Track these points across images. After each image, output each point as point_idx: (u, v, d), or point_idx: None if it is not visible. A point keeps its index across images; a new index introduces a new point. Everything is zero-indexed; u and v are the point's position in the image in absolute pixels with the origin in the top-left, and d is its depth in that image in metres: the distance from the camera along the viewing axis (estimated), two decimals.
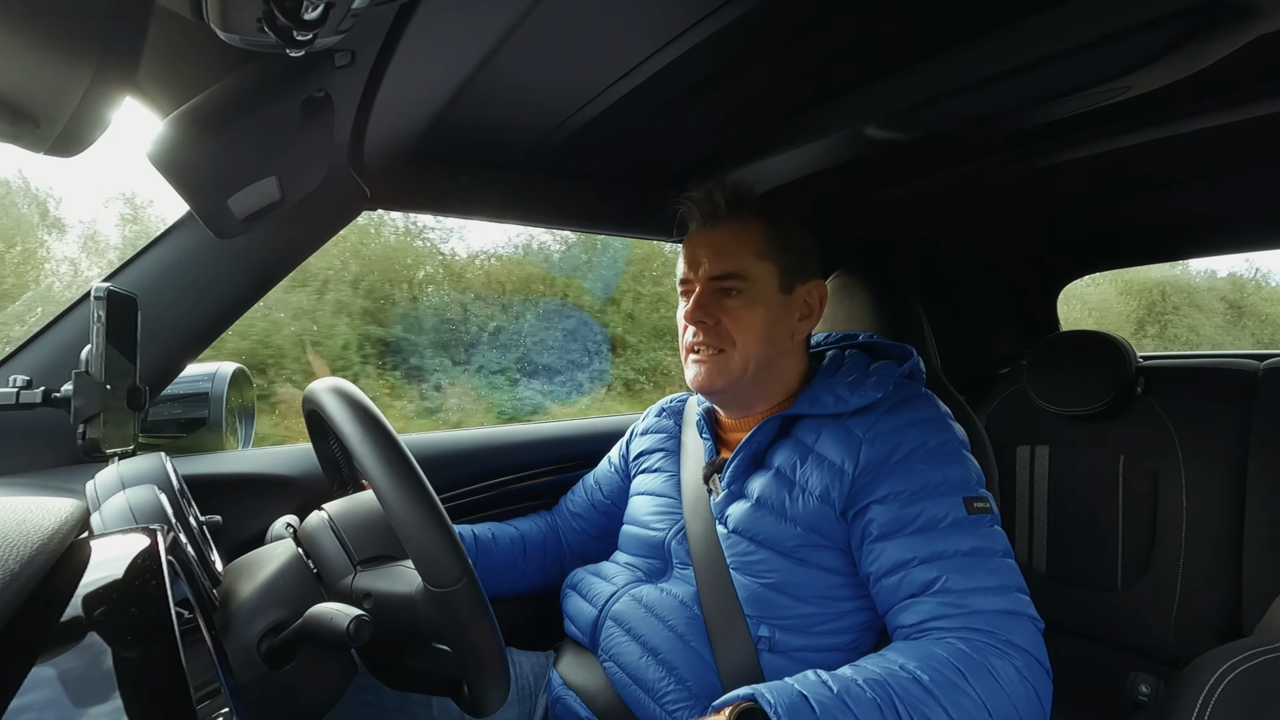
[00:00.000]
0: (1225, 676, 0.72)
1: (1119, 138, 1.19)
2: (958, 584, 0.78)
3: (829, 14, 0.83)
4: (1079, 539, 1.56)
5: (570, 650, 1.03)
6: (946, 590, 0.78)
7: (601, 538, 1.17)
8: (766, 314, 0.94)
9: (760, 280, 0.94)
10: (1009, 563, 0.81)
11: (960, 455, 0.88)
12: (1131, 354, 1.52)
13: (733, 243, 0.95)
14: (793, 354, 1.00)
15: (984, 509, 0.83)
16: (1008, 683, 0.71)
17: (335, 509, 0.78)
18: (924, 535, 0.81)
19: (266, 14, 0.47)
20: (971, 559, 0.79)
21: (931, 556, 0.80)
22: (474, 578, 0.63)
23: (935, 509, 0.82)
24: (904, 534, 0.82)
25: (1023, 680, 0.72)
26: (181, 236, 1.02)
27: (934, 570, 0.79)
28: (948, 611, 0.77)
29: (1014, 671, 0.72)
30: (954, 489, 0.84)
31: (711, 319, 0.94)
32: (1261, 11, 0.74)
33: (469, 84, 0.91)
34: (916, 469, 0.85)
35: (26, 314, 2.88)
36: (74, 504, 0.53)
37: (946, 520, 0.81)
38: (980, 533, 0.81)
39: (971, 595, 0.77)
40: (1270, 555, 1.31)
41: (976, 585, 0.77)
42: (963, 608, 0.76)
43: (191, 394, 1.12)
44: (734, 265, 0.94)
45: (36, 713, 0.35)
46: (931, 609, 0.78)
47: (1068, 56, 0.82)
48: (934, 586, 0.78)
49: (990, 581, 0.78)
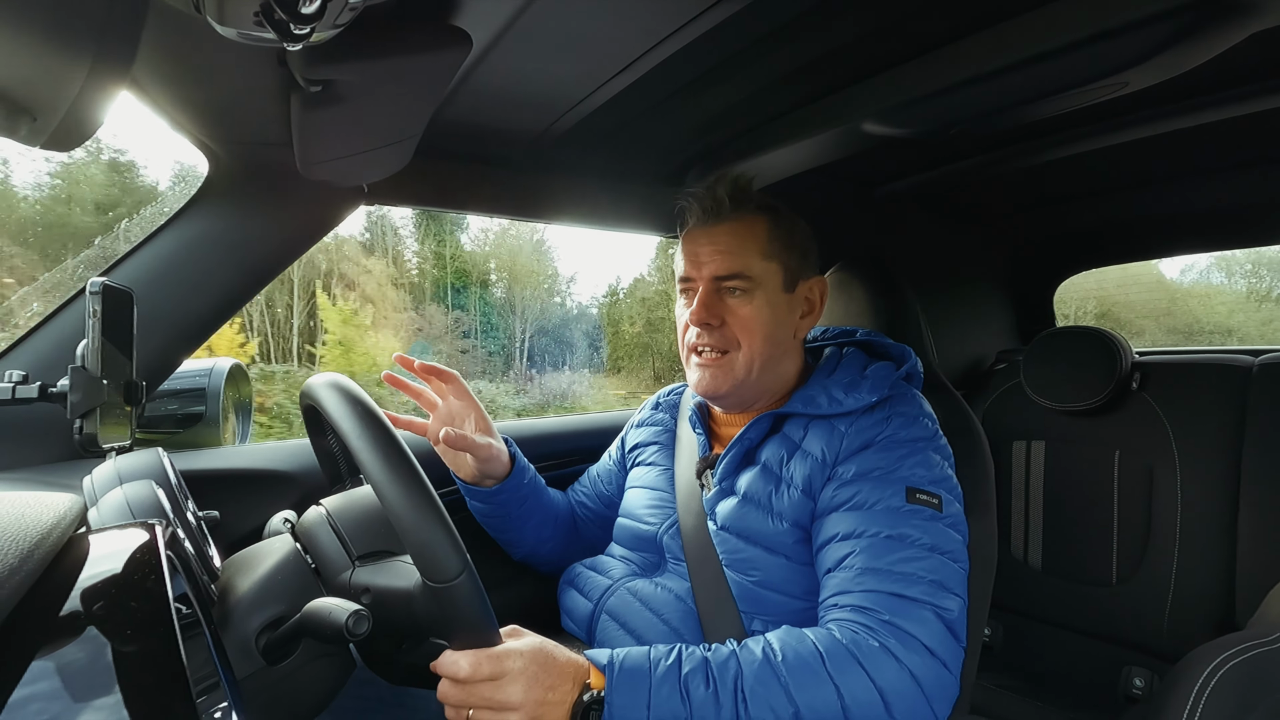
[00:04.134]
0: (1219, 670, 0.72)
1: (1116, 134, 1.19)
2: (863, 563, 0.77)
3: (826, 10, 0.82)
4: (1074, 534, 1.57)
5: (568, 645, 1.03)
6: (849, 567, 0.78)
7: (604, 529, 1.17)
8: (771, 314, 0.93)
9: (765, 280, 0.93)
10: (937, 559, 0.78)
11: (923, 453, 0.86)
12: (1127, 350, 1.53)
13: (737, 241, 0.93)
14: (793, 351, 1.00)
15: (928, 503, 0.81)
16: (876, 669, 0.69)
17: (333, 504, 0.78)
18: (853, 514, 0.81)
19: (264, 7, 0.46)
20: (889, 542, 0.78)
21: (851, 534, 0.80)
22: (473, 573, 0.63)
23: (872, 493, 0.82)
24: (838, 511, 0.83)
25: (899, 666, 0.69)
26: (178, 231, 1.01)
27: (849, 547, 0.79)
28: (847, 588, 0.77)
29: (885, 656, 0.70)
30: (900, 479, 0.83)
31: (717, 320, 0.93)
32: (1258, 8, 0.75)
33: (466, 78, 0.90)
34: (871, 455, 0.85)
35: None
36: (72, 499, 0.53)
37: (879, 505, 0.81)
38: (911, 522, 0.79)
39: (869, 575, 0.76)
40: (1264, 549, 1.32)
41: (880, 567, 0.76)
42: (858, 584, 0.76)
43: (189, 389, 1.12)
44: (739, 265, 0.92)
45: (36, 707, 0.35)
46: (836, 584, 0.78)
47: (1065, 53, 0.82)
48: (844, 563, 0.79)
49: (900, 567, 0.76)
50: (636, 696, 0.67)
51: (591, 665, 0.69)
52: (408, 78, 0.76)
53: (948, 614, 0.75)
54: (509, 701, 0.64)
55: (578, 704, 0.67)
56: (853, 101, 1.03)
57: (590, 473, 1.24)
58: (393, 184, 1.12)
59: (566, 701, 0.67)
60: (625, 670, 0.69)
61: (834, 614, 0.77)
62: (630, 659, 0.70)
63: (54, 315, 0.96)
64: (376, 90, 0.76)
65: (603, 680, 0.68)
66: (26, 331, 0.95)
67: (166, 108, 0.88)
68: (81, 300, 0.95)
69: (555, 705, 0.66)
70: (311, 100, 0.75)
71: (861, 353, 1.02)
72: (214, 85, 0.83)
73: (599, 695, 0.67)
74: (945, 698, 0.72)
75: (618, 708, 0.66)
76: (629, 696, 0.67)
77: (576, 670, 0.69)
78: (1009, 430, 1.68)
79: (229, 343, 8.32)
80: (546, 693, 0.66)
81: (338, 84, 0.73)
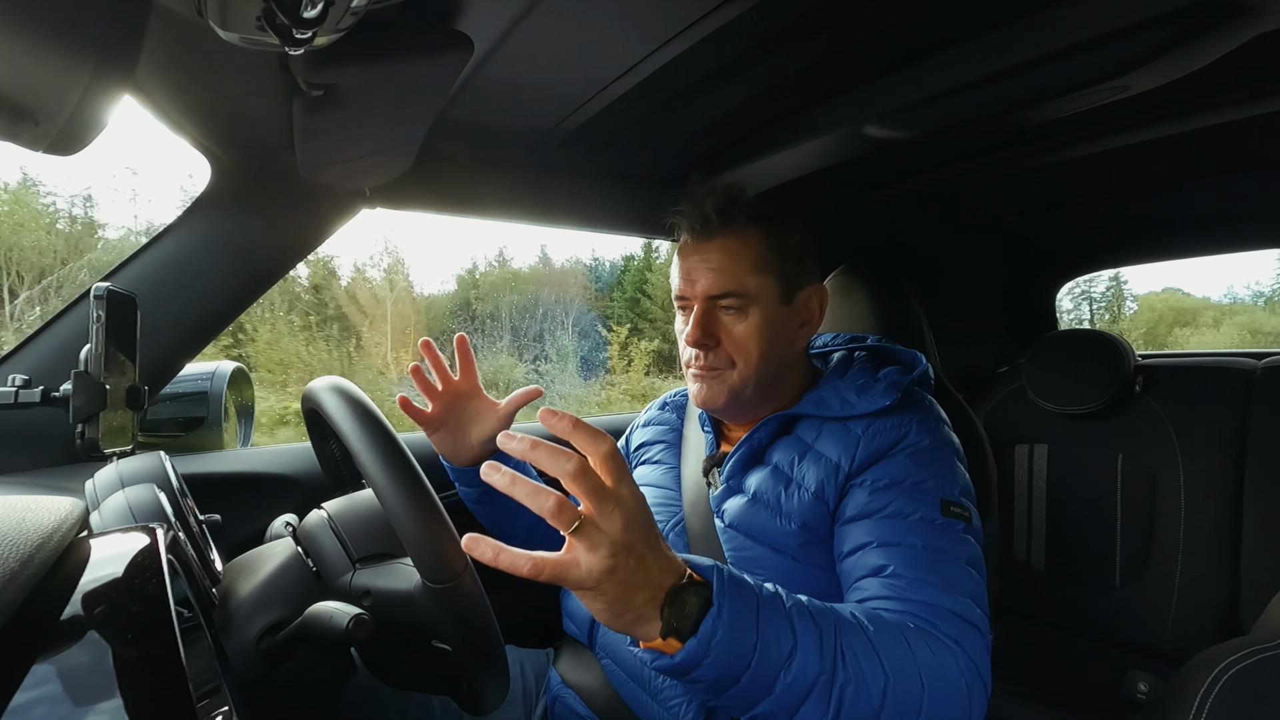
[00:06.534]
0: (1223, 674, 0.72)
1: (1118, 137, 1.19)
2: (906, 572, 0.76)
3: (829, 12, 0.83)
4: (1077, 537, 1.56)
5: (569, 648, 1.03)
6: (895, 575, 0.76)
7: None
8: (768, 329, 0.91)
9: (760, 295, 0.91)
10: (970, 571, 0.78)
11: (950, 462, 0.87)
12: (1130, 353, 1.52)
13: (729, 259, 0.90)
14: (794, 361, 0.99)
15: (960, 515, 0.81)
16: (947, 669, 0.67)
17: (334, 507, 0.78)
18: (888, 523, 0.80)
19: (266, 12, 0.46)
20: (928, 554, 0.77)
21: (888, 543, 0.79)
22: (473, 573, 0.63)
23: (907, 503, 0.81)
24: (870, 519, 0.82)
25: (960, 676, 0.68)
26: (180, 235, 1.02)
27: (886, 556, 0.78)
28: (892, 594, 0.75)
29: (954, 665, 0.68)
30: (933, 489, 0.82)
31: (712, 339, 0.92)
32: (1260, 11, 0.75)
33: (468, 82, 0.91)
34: (901, 463, 0.84)
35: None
36: (73, 503, 0.53)
37: (915, 515, 0.80)
38: (947, 535, 0.79)
39: (919, 585, 0.75)
40: (1268, 553, 1.31)
41: (924, 578, 0.75)
42: (907, 593, 0.74)
43: (190, 393, 1.12)
44: (731, 283, 0.90)
45: (37, 711, 0.35)
46: (876, 589, 0.76)
47: (1067, 56, 0.82)
48: (884, 571, 0.77)
49: (940, 580, 0.75)
50: (745, 610, 0.57)
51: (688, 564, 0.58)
52: (410, 82, 0.76)
53: (986, 631, 0.75)
54: (609, 526, 0.52)
55: (673, 590, 0.55)
56: (855, 105, 1.03)
57: None
58: (395, 188, 1.12)
59: (665, 581, 0.55)
60: (732, 579, 0.58)
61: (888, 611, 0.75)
62: (733, 574, 0.59)
63: (57, 319, 0.96)
64: (379, 95, 0.76)
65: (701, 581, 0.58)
66: (29, 335, 0.96)
67: (169, 112, 0.89)
68: (84, 304, 0.95)
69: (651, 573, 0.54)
70: (313, 104, 0.75)
71: (872, 358, 1.01)
72: (216, 89, 0.83)
73: (707, 594, 0.56)
74: (981, 712, 0.71)
75: (728, 613, 0.55)
76: (739, 606, 0.56)
77: (673, 558, 0.57)
78: (1012, 433, 1.68)
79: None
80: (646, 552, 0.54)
81: (340, 88, 0.73)
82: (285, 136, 0.91)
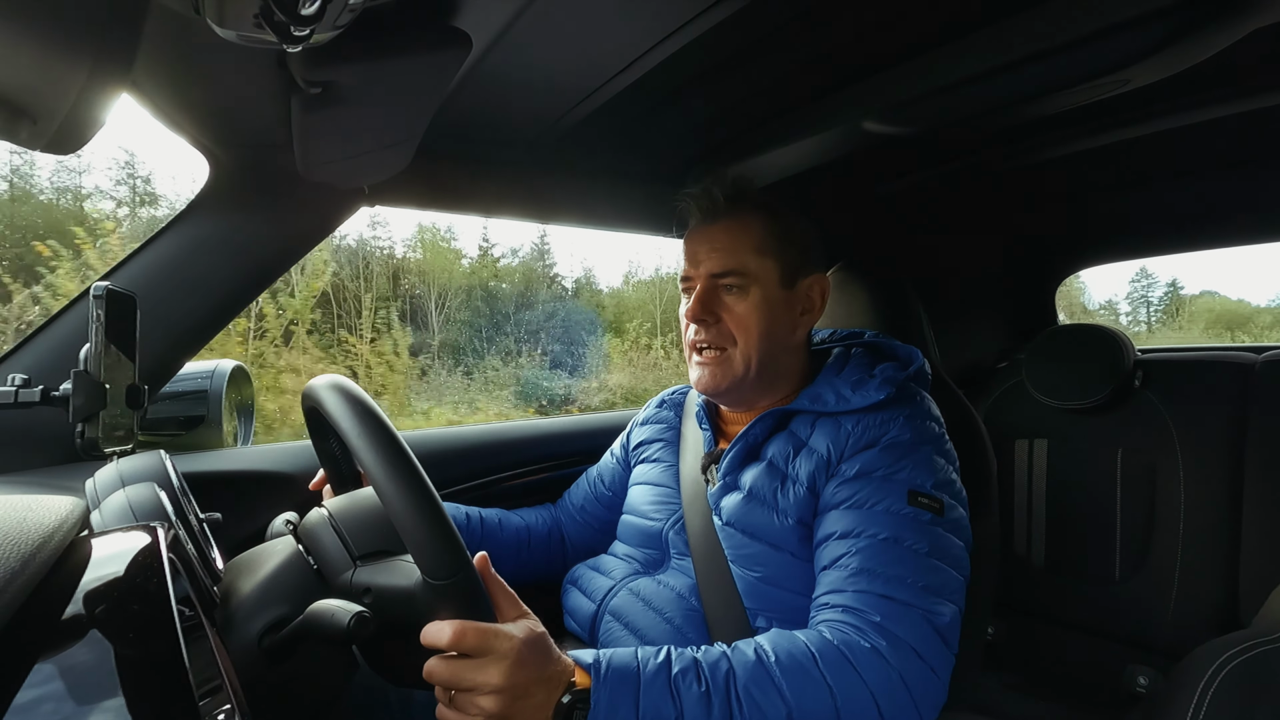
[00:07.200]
0: (1223, 668, 0.72)
1: (1117, 131, 1.19)
2: (858, 563, 0.77)
3: (827, 8, 0.82)
4: (1077, 532, 1.57)
5: (570, 646, 1.03)
6: (843, 566, 0.78)
7: (603, 530, 1.17)
8: (768, 310, 0.94)
9: (761, 276, 0.94)
10: (933, 563, 0.78)
11: (928, 455, 0.86)
12: (1129, 347, 1.52)
13: (732, 239, 0.94)
14: (795, 350, 1.00)
15: (928, 506, 0.81)
16: (866, 668, 0.69)
17: (335, 505, 0.78)
18: (851, 514, 0.81)
19: (264, 9, 0.46)
20: (886, 544, 0.78)
21: (849, 533, 0.80)
22: (472, 569, 0.63)
23: (873, 494, 0.82)
24: (837, 510, 0.83)
25: (887, 667, 0.69)
26: (179, 234, 1.01)
27: (845, 546, 0.79)
28: (840, 587, 0.77)
29: (875, 657, 0.70)
30: (903, 480, 0.83)
31: (713, 316, 0.94)
32: (1258, 5, 0.74)
33: (467, 79, 0.90)
34: (875, 455, 0.85)
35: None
36: (74, 502, 0.53)
37: (879, 505, 0.81)
38: (910, 526, 0.79)
39: (863, 576, 0.76)
40: (1267, 547, 1.31)
41: (874, 568, 0.76)
42: (851, 584, 0.76)
43: (190, 391, 1.12)
44: (734, 262, 0.93)
45: (39, 710, 0.35)
46: (829, 582, 0.78)
47: (1067, 50, 0.82)
48: (839, 562, 0.79)
49: (893, 569, 0.76)
50: (624, 696, 0.64)
51: (577, 665, 0.66)
52: (408, 79, 0.76)
53: (938, 619, 0.74)
54: (488, 682, 0.59)
55: (559, 705, 0.63)
56: (853, 100, 1.03)
57: (589, 474, 1.24)
58: (393, 185, 1.12)
59: (551, 699, 0.63)
60: (613, 669, 0.66)
61: (825, 614, 0.77)
62: (618, 658, 0.67)
63: (56, 318, 0.96)
64: (377, 92, 0.76)
65: (588, 680, 0.66)
66: (29, 334, 0.95)
67: (166, 110, 0.89)
68: (84, 304, 0.95)
69: (537, 699, 0.62)
70: (311, 102, 0.75)
71: (869, 353, 1.02)
72: (214, 87, 0.83)
73: (584, 693, 0.64)
74: (932, 703, 0.72)
75: (605, 706, 0.63)
76: (617, 695, 0.64)
77: (564, 668, 0.65)
78: (1011, 428, 1.68)
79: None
80: (531, 684, 0.61)
81: (338, 86, 0.73)
82: (283, 134, 0.90)
